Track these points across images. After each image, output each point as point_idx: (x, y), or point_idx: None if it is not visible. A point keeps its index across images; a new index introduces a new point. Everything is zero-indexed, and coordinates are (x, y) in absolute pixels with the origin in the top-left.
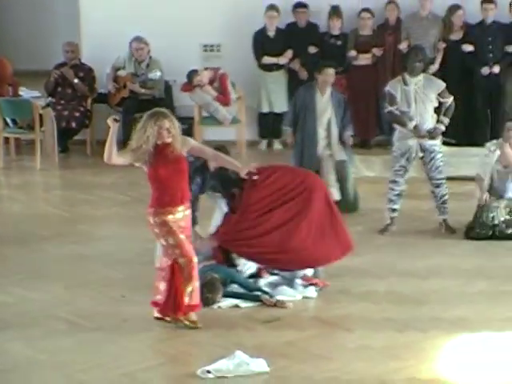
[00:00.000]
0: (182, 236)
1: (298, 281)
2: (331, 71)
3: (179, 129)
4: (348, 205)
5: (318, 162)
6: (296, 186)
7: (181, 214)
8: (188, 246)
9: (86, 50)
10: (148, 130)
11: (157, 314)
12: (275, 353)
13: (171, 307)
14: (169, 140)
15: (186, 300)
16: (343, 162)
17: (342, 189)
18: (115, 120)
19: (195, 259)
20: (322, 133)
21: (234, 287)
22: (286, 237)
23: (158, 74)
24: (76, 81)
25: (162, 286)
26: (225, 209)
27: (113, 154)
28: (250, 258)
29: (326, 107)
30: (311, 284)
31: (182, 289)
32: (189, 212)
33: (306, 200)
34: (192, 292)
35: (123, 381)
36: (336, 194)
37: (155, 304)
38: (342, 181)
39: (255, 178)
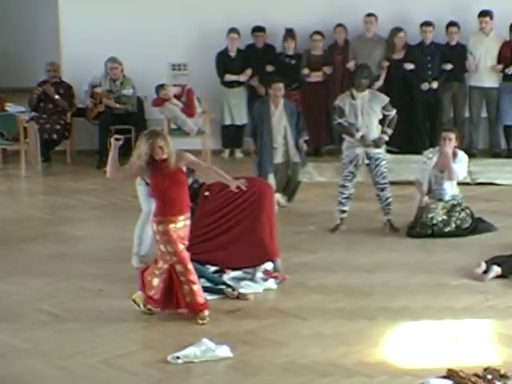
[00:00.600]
0: (180, 246)
1: (259, 275)
2: (280, 85)
3: (172, 146)
4: (286, 196)
5: (274, 167)
6: (247, 192)
7: (181, 224)
8: (184, 254)
9: (66, 69)
10: (142, 148)
11: (149, 306)
12: (238, 340)
13: (174, 305)
14: (164, 156)
15: (196, 299)
16: (296, 163)
17: (288, 185)
18: (116, 139)
19: (190, 265)
20: (280, 141)
21: (201, 281)
22: (242, 236)
23: (131, 90)
24: (57, 97)
25: (156, 281)
26: None
27: (115, 170)
28: (208, 261)
29: (280, 117)
30: (271, 277)
31: (182, 292)
32: (189, 222)
33: (257, 202)
34: (196, 291)
35: (100, 367)
36: (282, 200)
37: (151, 299)
38: (290, 177)
39: (206, 194)
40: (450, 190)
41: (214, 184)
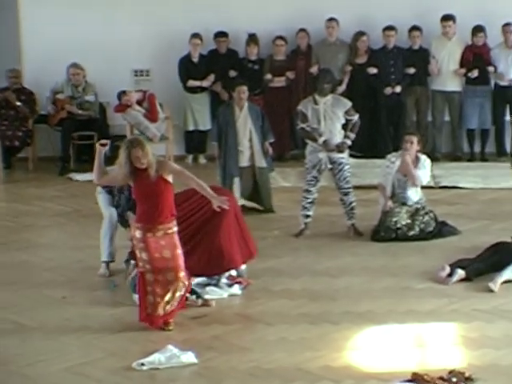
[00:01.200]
0: (156, 255)
1: (224, 280)
2: (244, 88)
3: (153, 156)
4: (265, 208)
5: (240, 171)
6: (208, 201)
7: (161, 233)
8: (159, 264)
9: (28, 76)
10: (121, 156)
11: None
12: (203, 346)
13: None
14: (143, 166)
15: (156, 312)
16: (263, 168)
17: (259, 193)
18: (102, 145)
19: (161, 277)
20: (246, 143)
21: None
22: (201, 245)
23: (93, 96)
24: (18, 103)
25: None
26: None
27: (100, 175)
28: None
29: (245, 120)
30: (236, 283)
31: (145, 302)
32: (173, 231)
33: (218, 212)
34: (158, 305)
35: (64, 375)
36: (241, 201)
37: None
38: (259, 186)
39: None
40: (415, 195)
41: (177, 195)
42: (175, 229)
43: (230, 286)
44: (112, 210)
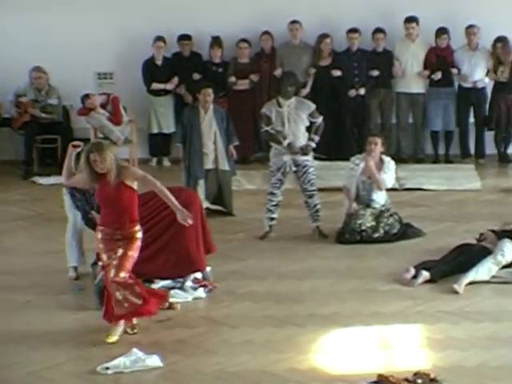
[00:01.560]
0: (113, 261)
1: (189, 283)
2: (209, 90)
3: (113, 161)
4: (227, 211)
5: (204, 173)
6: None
7: (108, 236)
8: (109, 269)
9: None
10: (81, 160)
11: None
12: (168, 349)
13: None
14: (101, 171)
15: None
16: (225, 171)
17: (222, 196)
18: (74, 146)
19: (110, 276)
20: (210, 146)
21: None
22: (167, 247)
23: (57, 99)
24: None
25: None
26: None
27: (69, 176)
28: (137, 274)
29: (210, 123)
30: (201, 286)
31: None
32: (132, 238)
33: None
34: (109, 302)
35: (29, 379)
36: (206, 203)
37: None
38: (222, 189)
39: None
40: (381, 198)
41: (142, 194)
42: (138, 235)
43: (195, 289)
44: (76, 213)
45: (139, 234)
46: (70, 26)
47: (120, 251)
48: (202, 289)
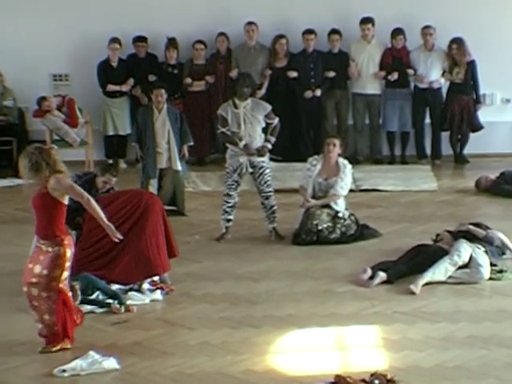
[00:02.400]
0: (33, 266)
1: (146, 285)
2: (161, 91)
3: (26, 168)
4: (178, 210)
5: (157, 172)
6: (133, 206)
7: (33, 244)
8: (25, 276)
9: None
10: None
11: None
12: (124, 351)
13: None
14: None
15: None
16: (177, 171)
17: (174, 196)
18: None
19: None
20: (164, 145)
21: (97, 294)
22: (127, 252)
23: (12, 101)
24: None
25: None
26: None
27: None
28: (103, 277)
29: (164, 122)
30: (158, 288)
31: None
32: (39, 245)
33: (144, 217)
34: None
35: None
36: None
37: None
38: (174, 189)
39: None
40: (341, 203)
41: (101, 199)
42: (57, 249)
43: (152, 291)
44: None
45: (57, 249)
46: (25, 28)
47: (37, 268)
48: (159, 291)
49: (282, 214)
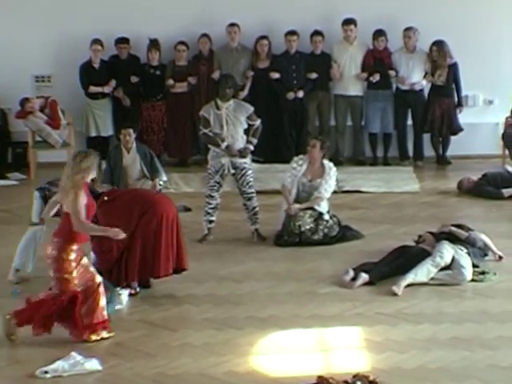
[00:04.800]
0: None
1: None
2: (129, 131)
3: (67, 176)
4: None
5: None
6: (145, 211)
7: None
8: None
9: None
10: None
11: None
12: (107, 353)
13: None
14: None
15: None
16: None
17: None
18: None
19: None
20: (136, 185)
21: None
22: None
23: None
24: None
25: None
26: None
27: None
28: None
29: (134, 160)
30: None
31: None
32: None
33: (157, 224)
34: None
35: None
36: None
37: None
38: None
39: (105, 198)
40: (325, 205)
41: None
42: (58, 254)
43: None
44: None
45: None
46: (7, 28)
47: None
48: (127, 291)
49: (264, 215)
